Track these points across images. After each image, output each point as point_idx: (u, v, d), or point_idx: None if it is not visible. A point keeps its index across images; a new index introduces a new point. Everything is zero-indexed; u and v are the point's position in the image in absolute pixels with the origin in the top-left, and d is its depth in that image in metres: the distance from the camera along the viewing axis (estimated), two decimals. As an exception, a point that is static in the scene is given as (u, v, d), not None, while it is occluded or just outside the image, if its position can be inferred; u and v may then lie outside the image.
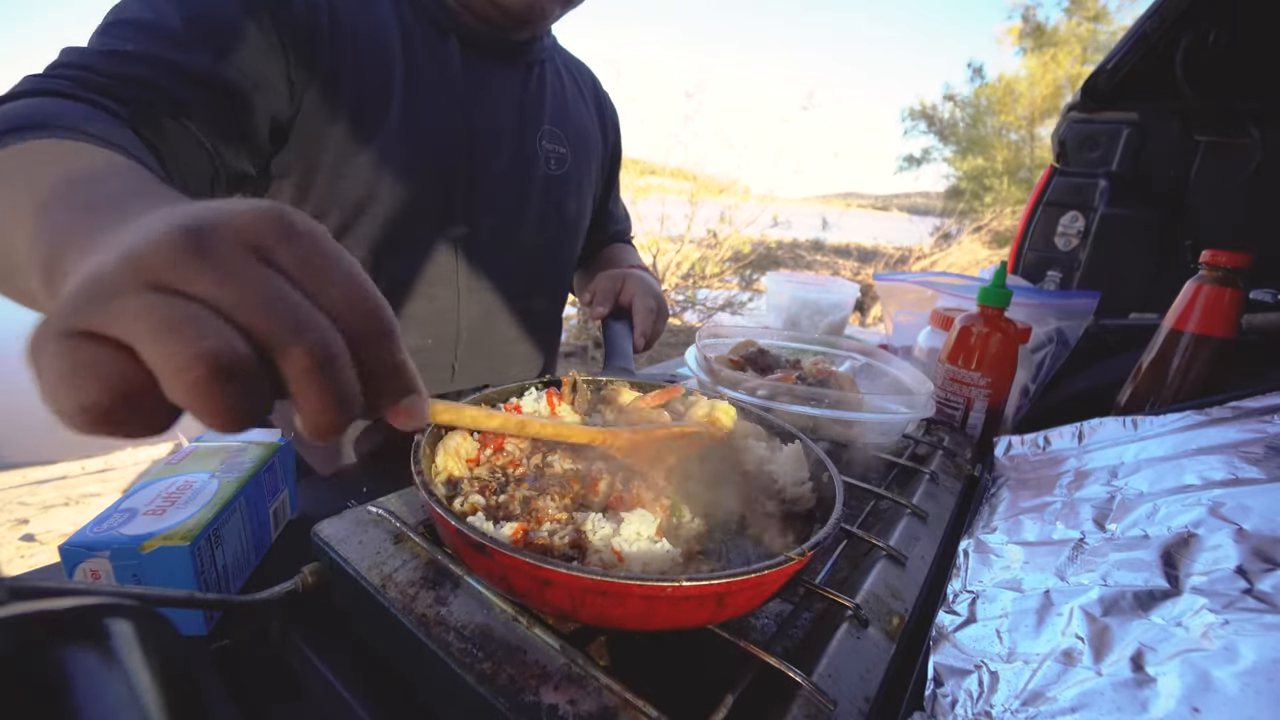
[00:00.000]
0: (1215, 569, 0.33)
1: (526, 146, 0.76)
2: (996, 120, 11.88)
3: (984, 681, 0.31)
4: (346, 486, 0.60)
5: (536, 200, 0.78)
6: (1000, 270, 0.74)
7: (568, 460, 0.43)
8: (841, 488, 0.41)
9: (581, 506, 0.40)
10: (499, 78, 0.74)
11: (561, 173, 0.81)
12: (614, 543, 0.34)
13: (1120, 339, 0.92)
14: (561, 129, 0.81)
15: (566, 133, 0.82)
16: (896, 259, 7.66)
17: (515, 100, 0.75)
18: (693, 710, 0.29)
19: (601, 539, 0.35)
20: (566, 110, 0.83)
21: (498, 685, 0.29)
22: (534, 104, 0.77)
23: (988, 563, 0.43)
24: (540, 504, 0.38)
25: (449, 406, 0.39)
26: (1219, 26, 0.99)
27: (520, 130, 0.76)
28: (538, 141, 0.77)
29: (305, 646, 0.37)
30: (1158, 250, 1.24)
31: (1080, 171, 1.33)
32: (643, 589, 0.29)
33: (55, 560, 0.37)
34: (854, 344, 0.87)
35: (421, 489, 0.34)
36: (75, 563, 0.36)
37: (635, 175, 5.67)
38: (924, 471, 0.60)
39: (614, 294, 0.77)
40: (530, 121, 0.77)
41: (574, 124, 0.84)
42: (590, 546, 0.35)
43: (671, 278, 5.24)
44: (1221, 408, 0.50)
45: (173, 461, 0.46)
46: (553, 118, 0.80)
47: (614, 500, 0.40)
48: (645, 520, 0.36)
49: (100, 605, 0.19)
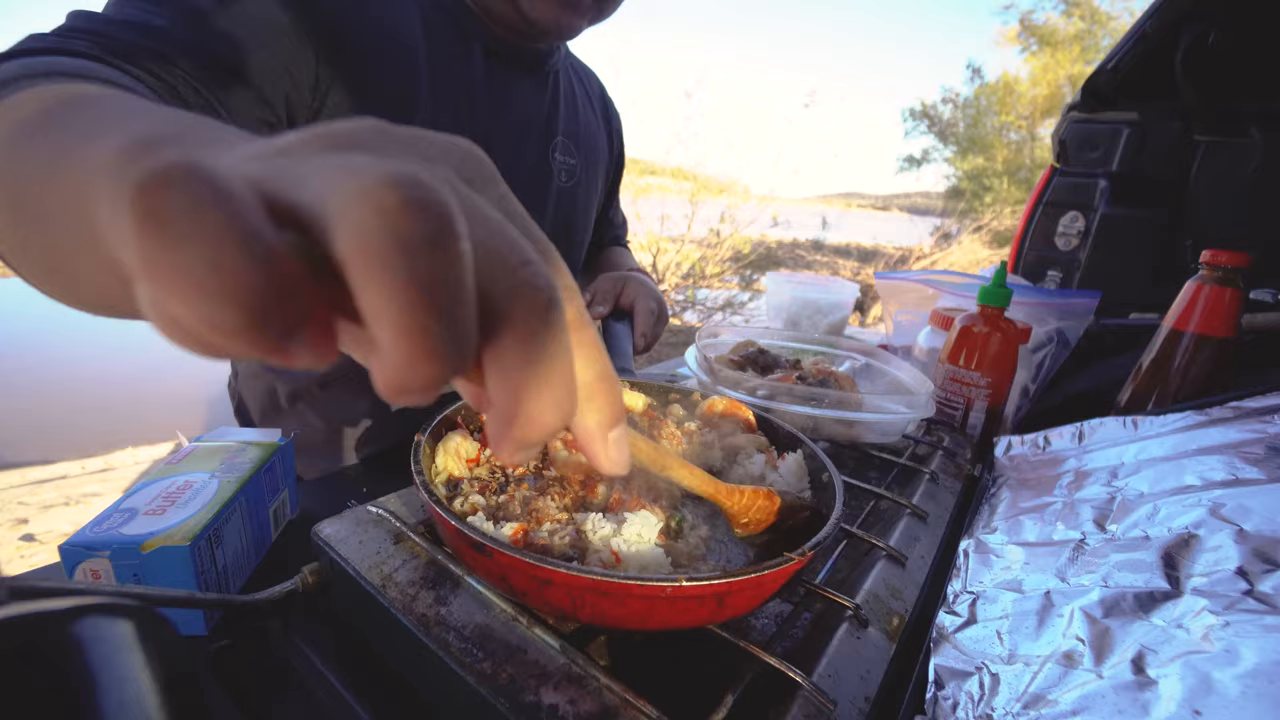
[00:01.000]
0: (1216, 570, 0.33)
1: (541, 159, 0.76)
2: (997, 120, 11.90)
3: (985, 684, 0.31)
4: (346, 486, 0.60)
5: (548, 213, 0.78)
6: (1000, 270, 0.74)
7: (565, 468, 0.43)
8: (841, 487, 0.41)
9: (582, 507, 0.40)
10: (519, 88, 0.73)
11: (571, 184, 0.80)
12: (613, 543, 0.34)
13: (1120, 339, 0.92)
14: (573, 140, 0.80)
15: (577, 144, 0.81)
16: (896, 259, 7.66)
17: (533, 112, 0.74)
18: (693, 710, 0.29)
19: (601, 539, 0.35)
20: (577, 120, 0.82)
21: (498, 685, 0.29)
22: (549, 115, 0.76)
23: (988, 563, 0.43)
24: (540, 504, 0.38)
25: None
26: (1219, 27, 0.99)
27: (536, 143, 0.75)
28: (551, 154, 0.76)
29: (305, 646, 0.37)
30: (1158, 250, 1.24)
31: (1080, 171, 1.33)
32: (643, 589, 0.29)
33: (55, 560, 0.37)
34: (854, 344, 0.87)
35: (421, 489, 0.34)
36: (75, 563, 0.36)
37: (635, 175, 5.68)
38: (924, 471, 0.60)
39: (614, 294, 0.77)
40: (545, 134, 0.76)
41: (584, 134, 0.83)
42: (590, 546, 0.35)
43: (671, 278, 5.25)
44: (1221, 408, 0.50)
45: (173, 461, 0.46)
46: (565, 129, 0.79)
47: (614, 502, 0.40)
48: (648, 523, 0.36)
49: (100, 605, 0.19)
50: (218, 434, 0.51)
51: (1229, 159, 1.16)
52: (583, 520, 0.36)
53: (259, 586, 0.38)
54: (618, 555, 0.34)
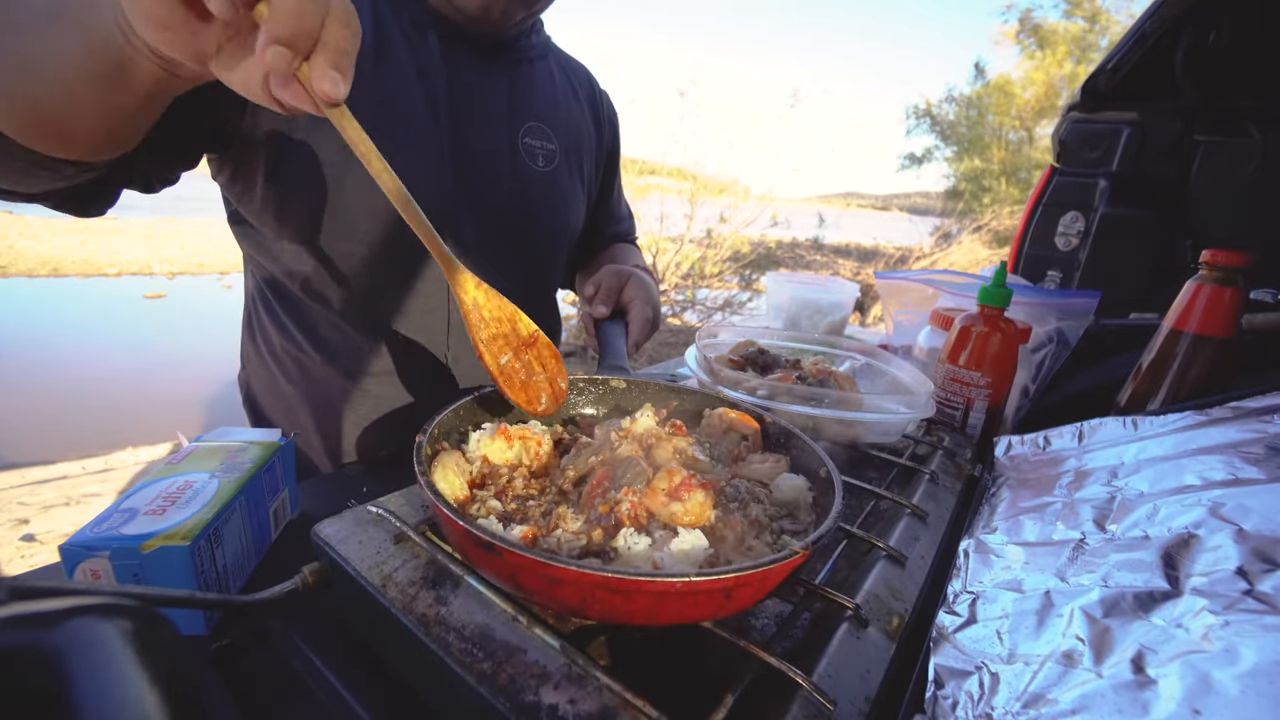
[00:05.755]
0: (1215, 570, 0.33)
1: (511, 142, 0.76)
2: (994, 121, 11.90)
3: (984, 683, 0.31)
4: (346, 486, 0.60)
5: (524, 196, 0.78)
6: (1000, 270, 0.74)
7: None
8: (841, 485, 0.41)
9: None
10: (482, 74, 0.74)
11: (551, 169, 0.81)
12: (655, 556, 0.35)
13: (1120, 339, 0.92)
14: (549, 125, 0.81)
15: (555, 129, 0.81)
16: (896, 259, 7.66)
17: (499, 96, 0.75)
18: (693, 710, 0.29)
19: (639, 553, 0.35)
20: (556, 107, 0.83)
21: (498, 685, 0.29)
22: (519, 100, 0.77)
23: (988, 563, 0.43)
24: (562, 511, 0.39)
25: None
26: (1219, 26, 0.99)
27: (502, 126, 0.76)
28: (519, 138, 0.77)
29: (305, 646, 0.37)
30: (1158, 250, 1.24)
31: (1080, 171, 1.33)
32: (652, 585, 0.29)
33: (55, 560, 0.37)
34: (854, 344, 0.87)
35: (426, 489, 0.34)
36: (75, 563, 0.36)
37: (634, 175, 5.67)
38: (924, 471, 0.60)
39: (617, 293, 0.77)
40: (512, 117, 0.77)
41: (564, 120, 0.83)
42: (622, 558, 0.35)
43: (671, 278, 5.25)
44: (1221, 408, 0.50)
45: (173, 461, 0.46)
46: (538, 114, 0.79)
47: (656, 515, 0.39)
48: (699, 541, 0.35)
49: (100, 605, 0.19)
50: (218, 434, 0.51)
51: (1229, 159, 1.16)
52: (612, 536, 0.36)
53: (259, 586, 0.38)
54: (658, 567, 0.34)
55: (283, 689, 0.36)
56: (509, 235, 0.78)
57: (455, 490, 0.40)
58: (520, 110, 0.77)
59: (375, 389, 0.75)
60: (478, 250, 0.75)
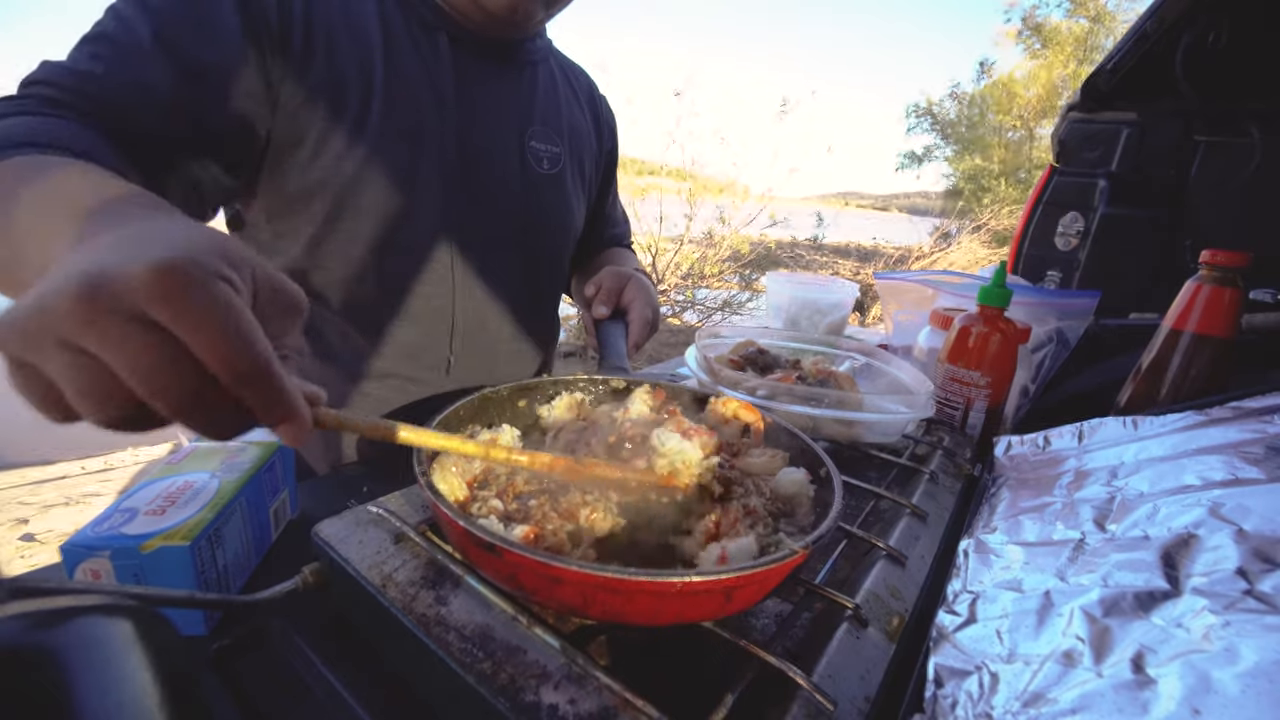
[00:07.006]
0: (1215, 570, 0.33)
1: (517, 145, 0.77)
2: (995, 120, 11.90)
3: (984, 683, 0.31)
4: (347, 486, 0.60)
5: (530, 198, 0.78)
6: (1000, 270, 0.74)
7: None
8: (840, 484, 0.41)
9: None
10: (489, 76, 0.74)
11: (555, 171, 0.81)
12: None
13: (1120, 339, 0.92)
14: (553, 128, 0.81)
15: (559, 132, 0.82)
16: (896, 259, 7.66)
17: (506, 99, 0.76)
18: (693, 710, 0.29)
19: (673, 448, 0.40)
20: (559, 110, 0.83)
21: (498, 685, 0.29)
22: (524, 103, 0.78)
23: (988, 563, 0.43)
24: (575, 498, 0.39)
25: (414, 431, 0.37)
26: (1219, 27, 0.99)
27: (510, 129, 0.76)
28: (526, 140, 0.78)
29: (305, 646, 0.37)
30: (1158, 250, 1.24)
31: (1080, 171, 1.33)
32: (653, 585, 0.29)
33: (55, 560, 0.37)
34: (854, 344, 0.87)
35: (426, 489, 0.34)
36: (75, 563, 0.36)
37: (633, 175, 5.66)
38: (924, 471, 0.60)
39: (617, 294, 0.77)
40: (519, 120, 0.77)
41: (567, 123, 0.84)
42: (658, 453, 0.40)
43: (671, 278, 5.24)
44: (1221, 408, 0.50)
45: (173, 461, 0.46)
46: (542, 117, 0.80)
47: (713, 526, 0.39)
48: (748, 552, 0.36)
49: (100, 605, 0.19)
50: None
51: (1229, 159, 1.16)
52: None
53: (259, 586, 0.38)
54: None
55: (283, 689, 0.36)
56: (516, 237, 0.78)
57: (455, 490, 0.40)
58: (526, 113, 0.78)
59: (376, 391, 0.75)
60: (485, 252, 0.75)
